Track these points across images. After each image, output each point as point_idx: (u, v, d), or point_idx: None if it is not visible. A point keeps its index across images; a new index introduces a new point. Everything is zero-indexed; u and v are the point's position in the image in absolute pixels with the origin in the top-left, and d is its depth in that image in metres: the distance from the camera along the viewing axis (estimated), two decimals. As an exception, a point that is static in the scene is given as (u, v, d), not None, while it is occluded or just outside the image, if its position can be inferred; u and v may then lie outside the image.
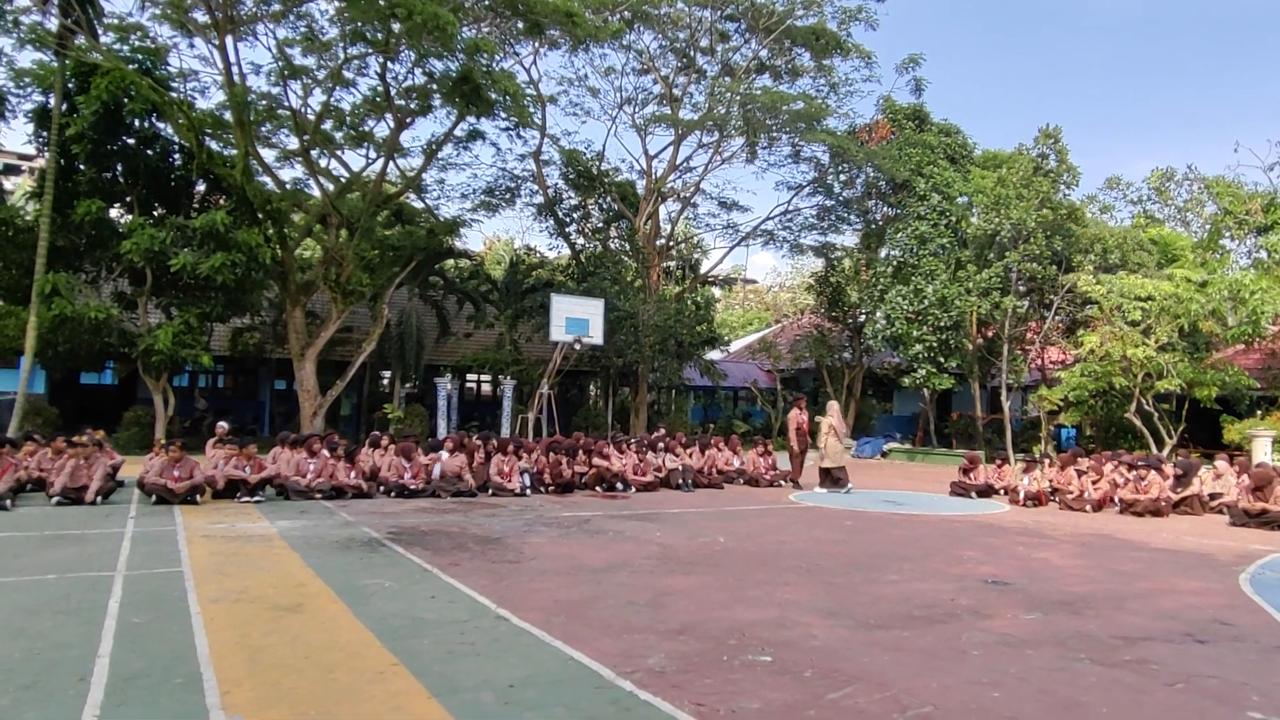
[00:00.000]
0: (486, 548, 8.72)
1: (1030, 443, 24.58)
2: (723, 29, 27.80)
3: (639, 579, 7.32)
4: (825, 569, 8.00)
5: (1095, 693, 4.53)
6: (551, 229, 29.11)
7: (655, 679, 4.61)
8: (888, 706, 4.25)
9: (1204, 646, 5.53)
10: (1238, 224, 23.30)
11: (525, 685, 4.50)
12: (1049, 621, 6.12)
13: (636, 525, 10.66)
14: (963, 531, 11.03)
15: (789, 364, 31.41)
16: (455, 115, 21.08)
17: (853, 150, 25.90)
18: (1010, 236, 24.25)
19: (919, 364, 25.22)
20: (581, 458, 14.46)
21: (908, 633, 5.70)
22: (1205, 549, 10.01)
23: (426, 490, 12.83)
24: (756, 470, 16.33)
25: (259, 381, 28.02)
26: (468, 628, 5.62)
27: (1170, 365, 19.76)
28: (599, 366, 27.21)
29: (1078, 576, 7.98)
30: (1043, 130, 25.17)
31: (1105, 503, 13.84)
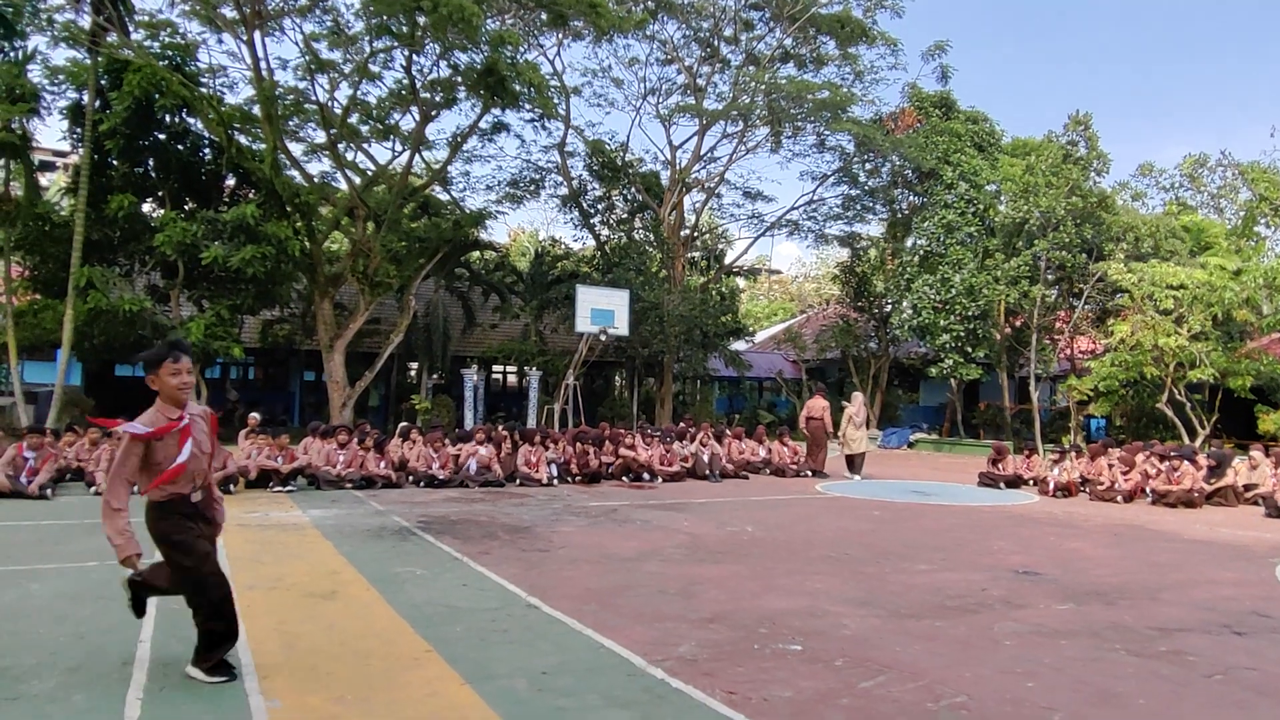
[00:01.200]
0: (516, 536, 8.79)
1: (1059, 433, 24.34)
2: (747, 18, 27.63)
3: (669, 568, 7.35)
4: (855, 559, 7.99)
5: (1132, 683, 4.50)
6: (576, 220, 29.16)
7: (687, 667, 4.63)
8: (921, 695, 4.25)
9: (1242, 638, 5.47)
10: (1274, 210, 22.87)
11: (558, 672, 4.53)
12: (1082, 612, 6.07)
13: (664, 515, 10.69)
14: (992, 522, 10.95)
15: (814, 354, 31.29)
16: (480, 107, 21.15)
17: (878, 139, 25.68)
18: (1039, 225, 23.97)
19: (946, 354, 25.02)
20: (608, 448, 14.50)
21: (940, 622, 5.69)
22: (1241, 540, 9.87)
23: (455, 480, 12.94)
24: (782, 460, 16.29)
25: (289, 373, 28.35)
26: (499, 615, 5.67)
27: (1203, 354, 19.47)
28: (624, 357, 27.26)
29: (1110, 567, 7.90)
30: (1073, 117, 24.82)
31: (1137, 494, 13.69)
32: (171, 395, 4.51)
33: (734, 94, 27.03)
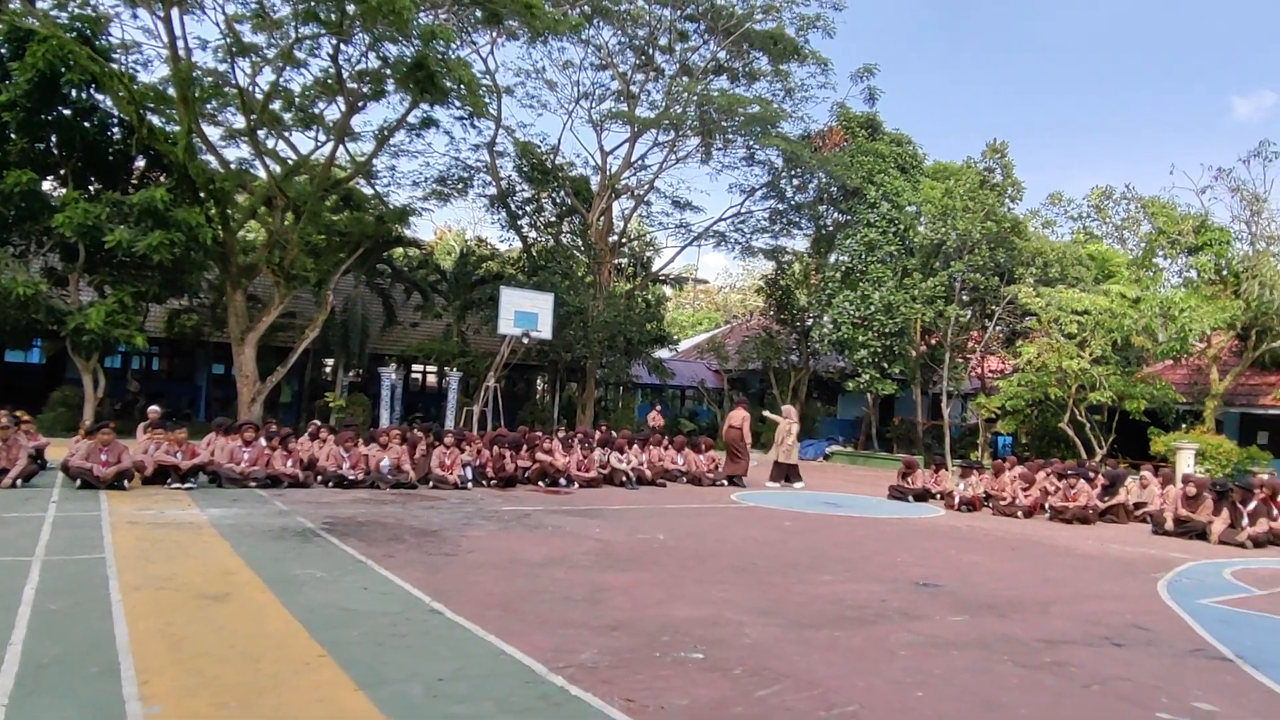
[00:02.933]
0: (424, 540, 8.62)
1: (968, 449, 25.16)
2: (682, 29, 27.86)
3: (576, 574, 7.31)
4: (762, 568, 8.08)
5: (1015, 694, 4.65)
6: (503, 221, 28.89)
7: (587, 674, 4.61)
8: (814, 705, 4.31)
9: (1121, 650, 5.72)
10: (1170, 244, 24.09)
11: (455, 678, 4.47)
12: (975, 624, 6.26)
13: (577, 521, 10.64)
14: (898, 534, 11.23)
15: (736, 365, 31.65)
16: (409, 102, 20.77)
17: (805, 156, 26.18)
18: (956, 247, 24.76)
19: (863, 369, 25.62)
20: (525, 452, 14.37)
21: (839, 633, 5.79)
22: (1128, 556, 10.35)
23: (366, 481, 12.62)
24: (699, 469, 16.41)
25: (196, 365, 27.30)
26: (400, 620, 5.56)
27: (1103, 378, 20.38)
28: (547, 361, 27.10)
29: (1006, 581, 8.18)
30: (990, 144, 25.76)
31: (1036, 509, 14.22)
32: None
33: (666, 103, 27.22)
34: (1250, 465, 19.37)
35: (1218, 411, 22.32)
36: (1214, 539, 12.10)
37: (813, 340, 28.46)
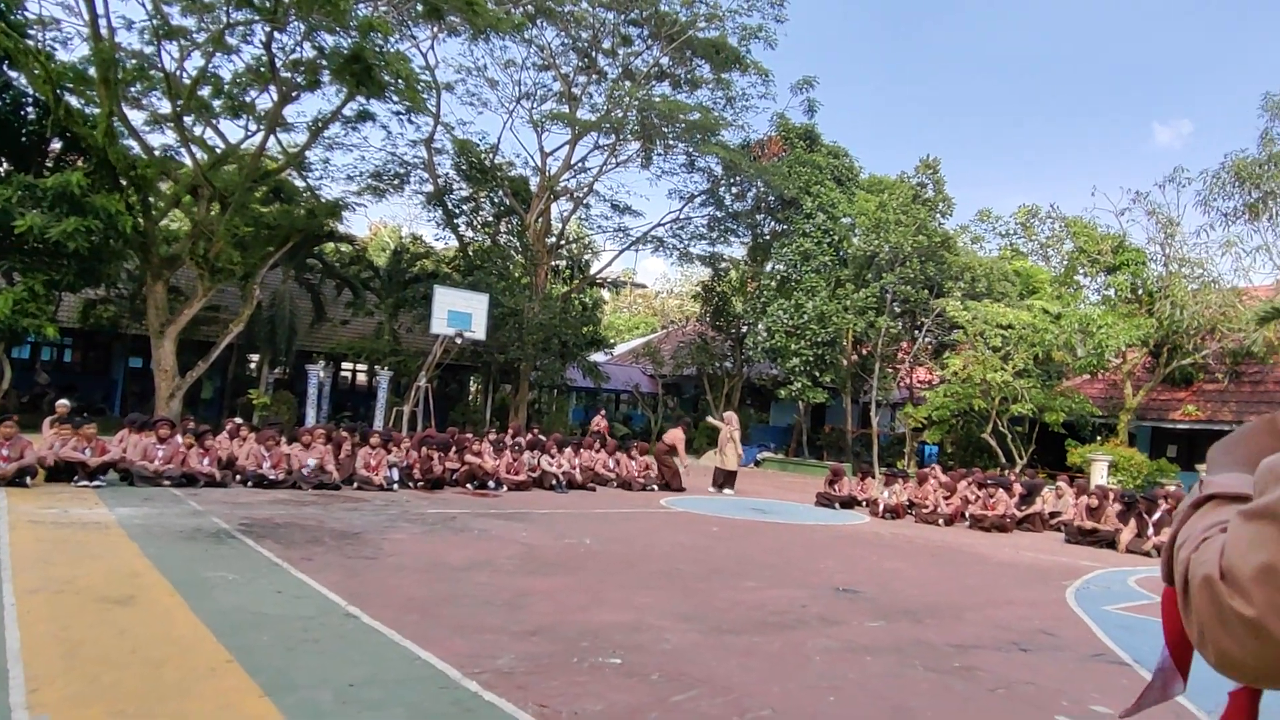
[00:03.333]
0: (344, 542, 8.43)
1: (896, 457, 25.71)
2: (625, 33, 27.89)
3: (499, 579, 7.22)
4: (687, 574, 8.11)
5: (924, 698, 4.75)
6: (440, 219, 28.49)
7: (502, 680, 4.57)
8: (728, 710, 4.33)
9: (1027, 655, 5.89)
10: (1090, 262, 25.03)
11: (367, 684, 4.39)
12: (891, 629, 6.38)
13: (503, 524, 10.53)
14: (823, 541, 11.41)
15: (671, 370, 31.80)
16: (345, 94, 20.32)
17: (744, 165, 26.46)
18: (888, 259, 25.30)
19: (796, 377, 25.97)
20: (454, 454, 14.18)
21: (758, 638, 5.84)
22: (1041, 564, 10.69)
23: (287, 481, 12.28)
24: (630, 474, 16.42)
25: (112, 358, 26.23)
26: (313, 624, 5.42)
27: (1024, 390, 21.06)
28: (480, 362, 26.81)
29: (924, 587, 8.37)
30: (923, 160, 26.43)
31: (957, 517, 14.61)
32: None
33: (608, 107, 27.20)
34: (1159, 477, 20.24)
35: (1131, 425, 23.25)
36: (1121, 548, 12.61)
37: (747, 347, 28.76)
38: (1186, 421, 22.85)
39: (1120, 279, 23.92)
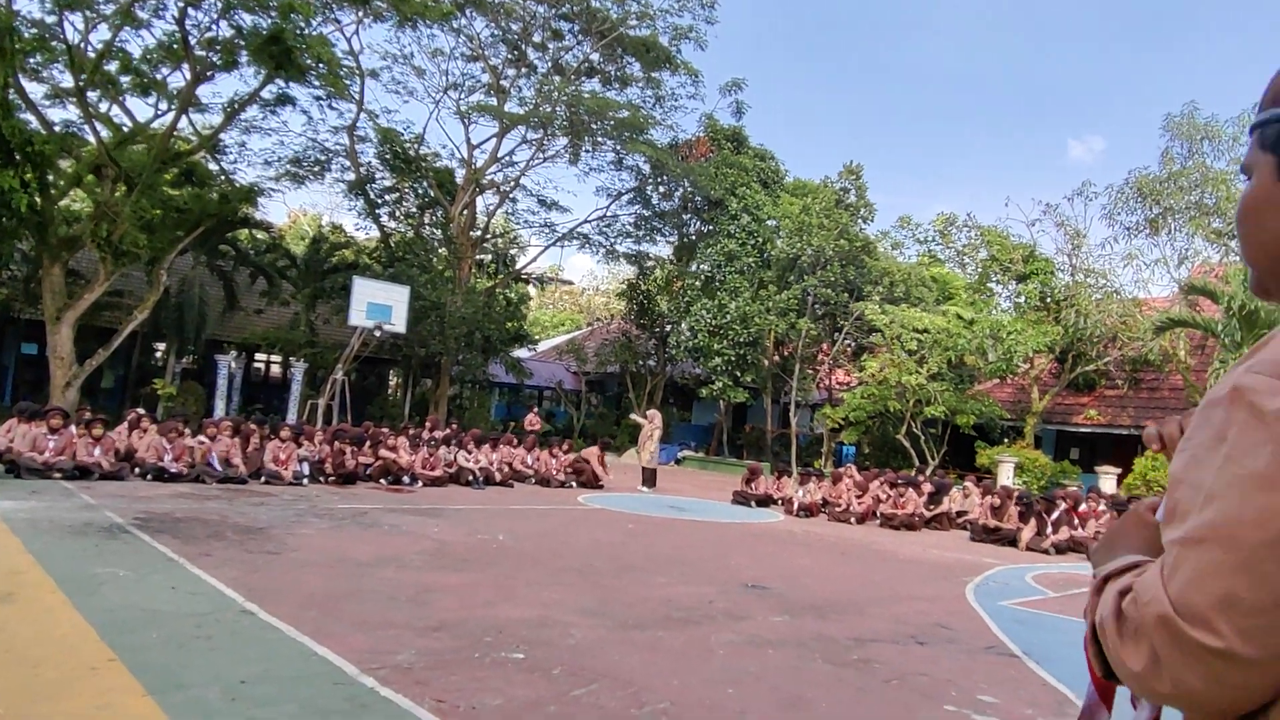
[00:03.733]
0: (246, 538, 8.17)
1: (814, 457, 26.23)
2: (556, 27, 27.73)
3: (406, 574, 7.11)
4: (598, 570, 8.12)
5: (821, 690, 4.86)
6: (361, 209, 27.82)
7: (400, 676, 4.51)
8: (627, 703, 4.35)
9: (923, 648, 6.09)
10: (1003, 270, 25.99)
11: (259, 681, 4.28)
12: (795, 624, 6.51)
13: (416, 520, 10.36)
14: (736, 538, 11.56)
15: (595, 367, 31.78)
16: (263, 76, 19.66)
17: (672, 165, 26.58)
18: (810, 262, 25.78)
19: (717, 376, 26.24)
20: (368, 448, 13.89)
21: (663, 633, 5.88)
22: (945, 561, 11.05)
23: (190, 474, 11.84)
24: (549, 471, 16.34)
25: (3, 344, 24.84)
26: (207, 621, 5.26)
27: (938, 393, 21.72)
28: (401, 356, 26.31)
29: (832, 584, 8.56)
30: (846, 166, 27.01)
31: (868, 516, 14.98)
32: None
33: (537, 101, 27.00)
34: (1062, 478, 21.14)
35: (1037, 428, 24.23)
36: (1022, 546, 13.12)
37: (670, 346, 28.92)
38: (1089, 425, 23.93)
39: (1030, 287, 24.89)
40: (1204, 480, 0.80)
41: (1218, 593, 0.74)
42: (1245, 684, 0.75)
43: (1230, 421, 0.78)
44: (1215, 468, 0.79)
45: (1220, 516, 0.76)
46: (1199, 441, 0.82)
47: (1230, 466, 0.77)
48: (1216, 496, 0.78)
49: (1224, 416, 0.79)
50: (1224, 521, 0.76)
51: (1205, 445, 0.81)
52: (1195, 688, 0.77)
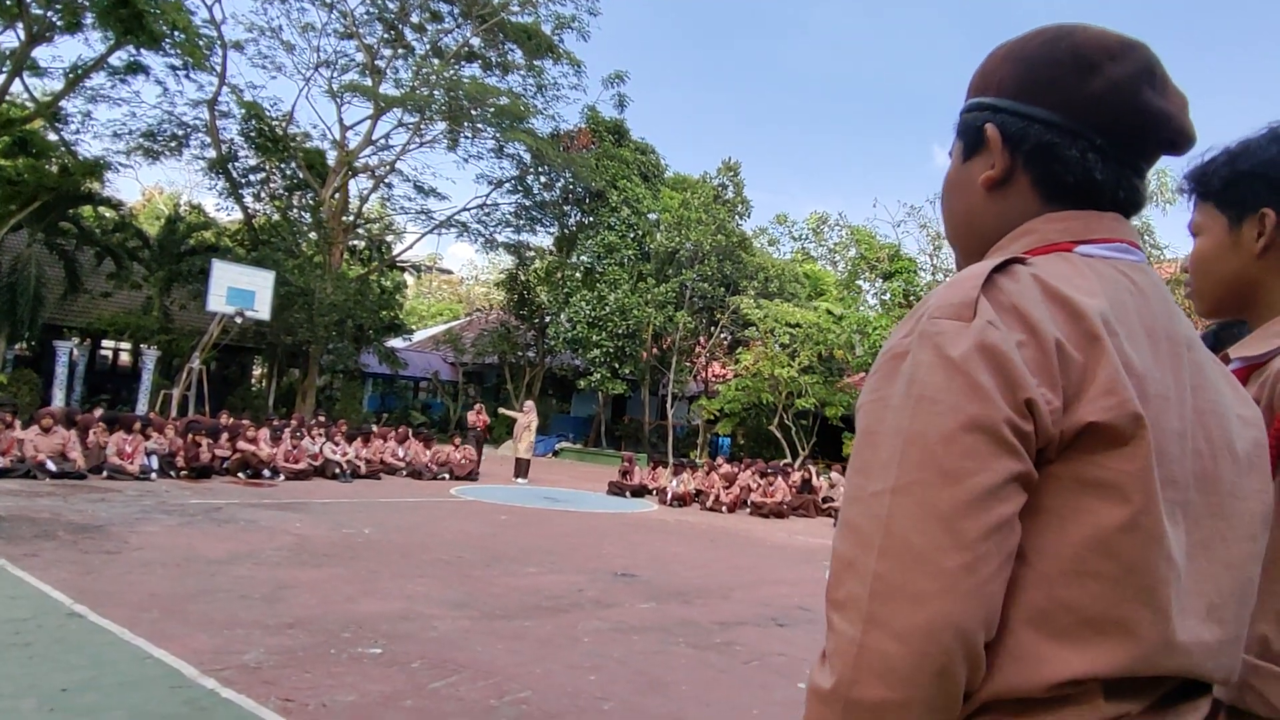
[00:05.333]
0: (81, 537, 7.58)
1: (690, 449, 26.64)
2: (435, 9, 26.96)
3: (261, 571, 6.77)
4: (467, 561, 7.96)
5: (682, 672, 4.92)
6: (223, 189, 26.28)
7: (246, 675, 4.28)
8: (487, 694, 4.28)
9: (784, 629, 6.26)
10: (870, 268, 27.06)
11: (84, 689, 3.98)
12: (661, 610, 6.57)
13: (275, 515, 9.89)
14: (609, 528, 11.60)
15: (473, 358, 31.24)
16: (111, 41, 18.28)
17: (552, 155, 26.35)
18: (688, 256, 26.13)
19: (596, 368, 26.26)
20: (225, 440, 13.16)
21: (529, 622, 5.82)
22: (810, 546, 11.43)
23: (19, 469, 10.87)
24: (420, 462, 15.94)
25: None
26: (26, 626, 4.84)
27: (809, 386, 22.44)
28: (265, 344, 25.07)
29: (699, 570, 8.70)
30: (725, 163, 27.50)
31: (738, 505, 15.33)
32: None
33: (414, 84, 26.21)
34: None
35: (899, 419, 25.33)
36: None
37: (549, 337, 28.73)
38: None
39: (895, 285, 26.03)
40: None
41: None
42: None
43: (916, 365, 0.78)
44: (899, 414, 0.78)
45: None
46: (881, 395, 0.81)
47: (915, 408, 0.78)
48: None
49: (909, 364, 0.79)
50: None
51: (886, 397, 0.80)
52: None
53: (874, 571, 0.75)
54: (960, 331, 0.77)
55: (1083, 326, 0.79)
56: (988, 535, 0.73)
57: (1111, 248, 0.90)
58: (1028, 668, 0.77)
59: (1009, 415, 0.74)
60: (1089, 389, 0.77)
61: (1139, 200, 0.95)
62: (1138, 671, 0.78)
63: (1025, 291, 0.80)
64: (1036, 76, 0.93)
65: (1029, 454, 0.76)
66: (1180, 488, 0.82)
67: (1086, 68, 0.91)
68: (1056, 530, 0.78)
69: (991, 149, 0.94)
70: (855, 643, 0.74)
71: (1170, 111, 0.91)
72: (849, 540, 0.78)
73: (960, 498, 0.73)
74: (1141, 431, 0.77)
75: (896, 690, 0.72)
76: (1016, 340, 0.77)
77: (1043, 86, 0.92)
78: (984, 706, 0.78)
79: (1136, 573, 0.77)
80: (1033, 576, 0.78)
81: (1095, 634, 0.77)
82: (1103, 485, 0.77)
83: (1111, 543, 0.77)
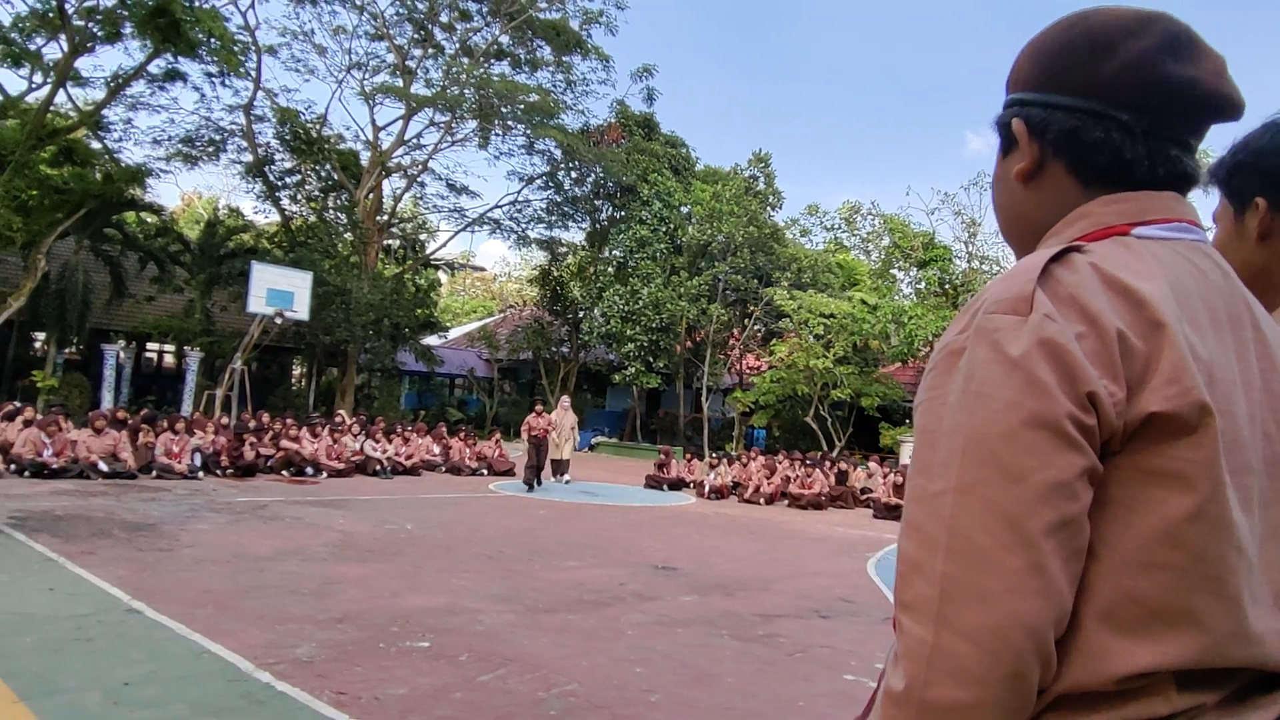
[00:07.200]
0: (135, 535, 7.78)
1: (726, 441, 26.61)
2: (464, 8, 27.13)
3: (309, 567, 6.90)
4: (508, 556, 8.04)
5: (727, 664, 4.94)
6: (260, 192, 26.70)
7: (299, 669, 4.37)
8: (535, 686, 4.33)
9: (826, 621, 6.25)
10: (904, 257, 26.80)
11: (145, 682, 4.08)
12: (703, 602, 6.59)
13: (320, 512, 10.06)
14: (647, 521, 11.63)
15: (508, 354, 31.46)
16: (149, 50, 18.62)
17: (582, 150, 26.41)
18: (721, 248, 26.06)
19: (630, 362, 26.31)
20: (269, 439, 13.40)
21: (573, 616, 5.87)
22: (849, 538, 11.37)
23: (73, 470, 11.19)
24: (460, 459, 16.11)
25: None
26: (88, 622, 4.98)
27: (844, 377, 22.29)
28: (304, 344, 25.46)
29: (739, 562, 8.70)
30: (755, 154, 27.37)
31: (776, 496, 15.29)
32: None
33: (445, 83, 26.39)
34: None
35: (936, 409, 25.08)
36: (921, 521, 13.61)
37: (583, 332, 28.82)
38: (987, 406, 24.87)
39: (930, 273, 25.74)
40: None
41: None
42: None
43: (974, 362, 0.78)
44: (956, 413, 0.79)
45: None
46: (939, 392, 0.81)
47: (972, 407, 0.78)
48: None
49: (965, 361, 0.79)
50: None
51: (944, 393, 0.81)
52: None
53: (941, 572, 0.75)
54: (1018, 326, 0.77)
55: (1145, 315, 0.78)
56: (1054, 532, 0.73)
57: (1170, 228, 0.89)
58: (1094, 663, 0.76)
59: (1071, 409, 0.74)
60: (1152, 378, 0.77)
61: (1188, 174, 0.93)
62: (1208, 663, 0.77)
63: (1084, 281, 0.79)
64: (1055, 65, 0.94)
65: (1093, 448, 0.75)
66: (1251, 474, 0.80)
67: (1104, 48, 0.91)
68: (1123, 522, 0.77)
69: (1020, 142, 0.96)
70: (927, 644, 0.74)
71: (1198, 78, 0.90)
72: (914, 541, 0.77)
73: (1024, 496, 0.73)
74: (1208, 420, 0.76)
75: (970, 690, 0.73)
76: (1076, 332, 0.76)
77: (1062, 73, 0.93)
78: (1054, 703, 0.78)
79: (1205, 562, 0.76)
80: (1100, 570, 0.77)
81: (1164, 626, 0.76)
82: (1169, 475, 0.76)
83: (1179, 533, 0.76)
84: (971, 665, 0.73)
